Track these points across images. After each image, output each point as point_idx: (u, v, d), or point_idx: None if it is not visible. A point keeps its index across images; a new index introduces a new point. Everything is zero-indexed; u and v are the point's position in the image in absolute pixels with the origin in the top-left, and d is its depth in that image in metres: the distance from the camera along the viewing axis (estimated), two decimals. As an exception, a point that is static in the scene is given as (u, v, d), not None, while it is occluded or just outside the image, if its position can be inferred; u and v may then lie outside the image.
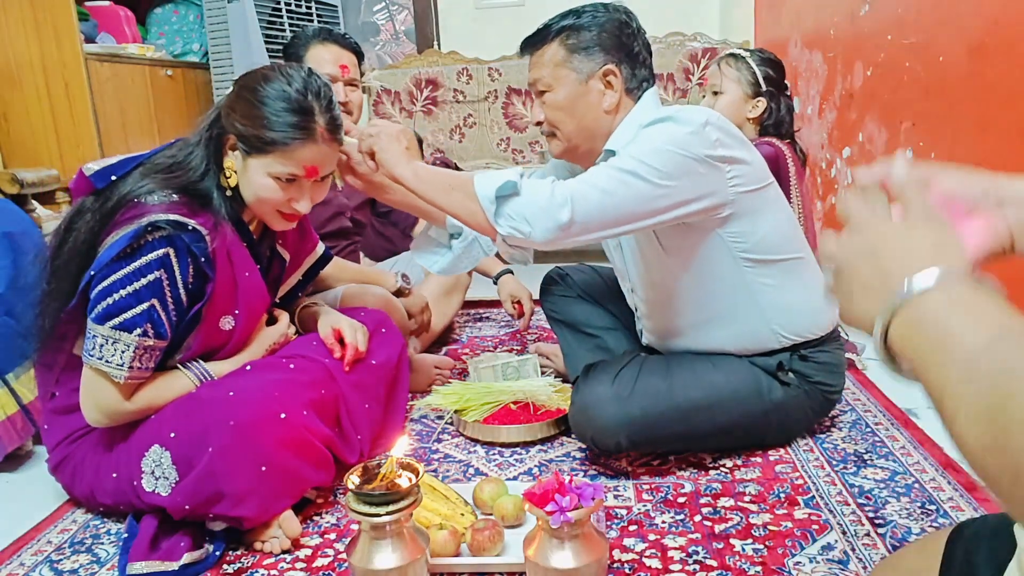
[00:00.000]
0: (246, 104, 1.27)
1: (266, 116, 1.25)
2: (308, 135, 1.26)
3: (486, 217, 1.26)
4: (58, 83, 2.65)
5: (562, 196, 1.24)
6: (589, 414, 1.42)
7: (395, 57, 4.08)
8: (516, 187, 1.25)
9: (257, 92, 1.26)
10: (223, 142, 1.30)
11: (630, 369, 1.46)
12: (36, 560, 1.29)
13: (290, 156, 1.26)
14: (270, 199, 1.30)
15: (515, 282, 2.23)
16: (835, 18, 2.50)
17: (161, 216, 1.22)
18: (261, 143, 1.26)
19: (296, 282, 1.61)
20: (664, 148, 1.27)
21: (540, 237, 1.24)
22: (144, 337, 1.23)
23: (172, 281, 1.24)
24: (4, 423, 1.59)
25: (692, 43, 3.48)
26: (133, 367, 1.23)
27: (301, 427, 1.29)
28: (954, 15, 1.70)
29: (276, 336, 1.46)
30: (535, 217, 1.24)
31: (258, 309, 1.42)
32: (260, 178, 1.28)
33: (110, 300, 1.21)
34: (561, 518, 0.97)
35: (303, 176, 1.29)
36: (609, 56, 1.41)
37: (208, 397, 1.26)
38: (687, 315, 1.52)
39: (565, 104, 1.42)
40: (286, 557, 1.25)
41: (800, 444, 1.56)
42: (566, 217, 1.23)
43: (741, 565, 1.16)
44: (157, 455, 1.25)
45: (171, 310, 1.25)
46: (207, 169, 1.30)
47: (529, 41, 1.46)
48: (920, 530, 1.23)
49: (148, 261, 1.21)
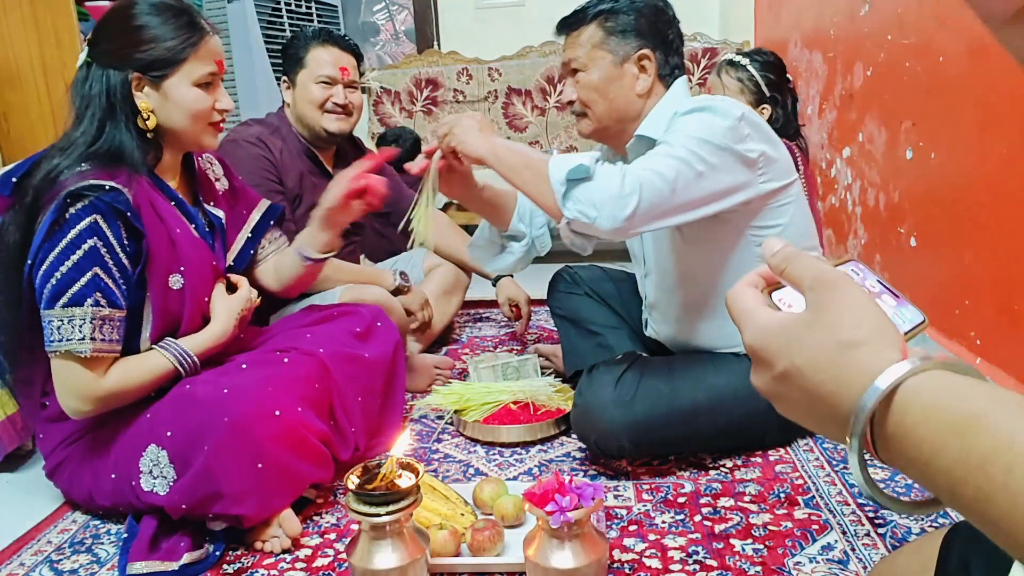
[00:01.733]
0: (135, 35, 1.28)
1: (158, 33, 1.28)
2: (203, 31, 1.32)
3: (555, 199, 1.27)
4: (58, 83, 2.65)
5: (631, 185, 1.24)
6: (592, 418, 1.42)
7: (395, 57, 4.08)
8: (588, 171, 1.26)
9: (133, 19, 1.28)
10: (126, 88, 1.28)
11: (632, 372, 1.46)
12: (36, 560, 1.29)
13: (201, 55, 1.30)
14: (202, 109, 1.32)
15: (514, 285, 2.23)
16: (835, 18, 2.50)
17: (77, 184, 1.22)
18: (171, 58, 1.28)
19: (245, 239, 1.57)
20: (706, 139, 1.29)
21: (606, 225, 1.24)
22: (98, 307, 1.22)
23: (108, 246, 1.23)
24: (4, 423, 1.59)
25: (692, 43, 3.48)
26: (95, 339, 1.22)
27: (296, 424, 1.29)
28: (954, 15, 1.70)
29: (242, 303, 1.43)
30: (603, 204, 1.24)
31: (204, 268, 1.39)
32: (186, 92, 1.30)
33: (53, 280, 1.20)
34: (561, 518, 0.97)
35: (217, 72, 1.34)
36: (644, 41, 1.43)
37: (203, 395, 1.26)
38: (695, 304, 1.53)
39: (599, 85, 1.44)
40: (286, 557, 1.25)
41: (800, 444, 1.56)
42: (632, 207, 1.23)
43: (741, 565, 1.16)
44: (154, 454, 1.25)
45: (116, 276, 1.24)
46: (103, 125, 1.29)
47: (566, 21, 1.48)
48: (920, 530, 1.23)
49: (79, 231, 1.21)
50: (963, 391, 0.39)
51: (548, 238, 1.61)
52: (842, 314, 0.43)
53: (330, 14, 3.74)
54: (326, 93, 1.97)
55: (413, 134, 3.44)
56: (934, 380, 0.40)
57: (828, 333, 0.43)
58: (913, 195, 1.92)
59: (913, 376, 0.40)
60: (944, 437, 0.38)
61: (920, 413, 0.39)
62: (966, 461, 0.37)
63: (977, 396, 0.38)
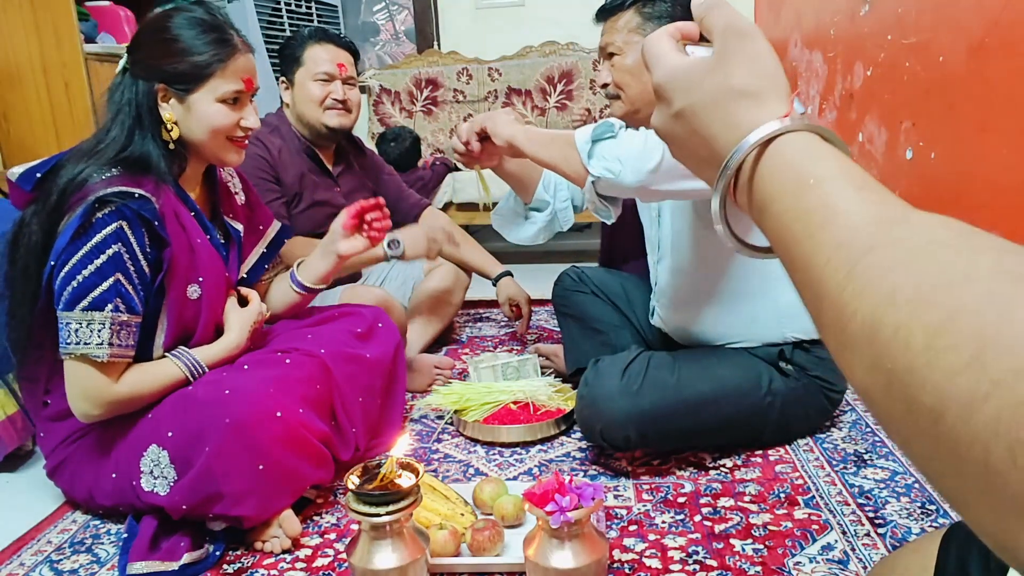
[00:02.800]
0: (165, 47, 1.28)
1: (189, 46, 1.27)
2: (234, 48, 1.31)
3: (581, 161, 1.31)
4: (58, 83, 2.65)
5: (655, 141, 1.28)
6: (598, 408, 1.43)
7: (395, 57, 4.08)
8: (613, 130, 1.31)
9: (168, 31, 1.28)
10: (152, 98, 1.30)
11: (638, 364, 1.47)
12: (36, 560, 1.29)
13: (227, 72, 1.30)
14: (223, 125, 1.31)
15: (514, 285, 2.23)
16: (835, 18, 2.50)
17: (106, 190, 1.22)
18: (197, 73, 1.28)
19: (260, 254, 1.59)
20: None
21: (630, 179, 1.28)
22: (117, 312, 1.23)
23: (131, 253, 1.24)
24: (4, 423, 1.59)
25: (692, 43, 3.48)
26: (113, 344, 1.23)
27: (298, 425, 1.29)
28: (954, 15, 1.70)
29: (254, 316, 1.45)
30: (628, 157, 1.28)
31: (218, 279, 1.40)
32: (208, 107, 1.30)
33: (74, 283, 1.21)
34: (561, 518, 0.97)
35: (244, 91, 1.33)
36: None
37: (204, 395, 1.26)
38: (702, 288, 1.55)
39: (634, 68, 1.48)
40: (286, 557, 1.25)
41: (800, 444, 1.56)
42: (656, 160, 1.26)
43: (741, 565, 1.16)
44: (155, 455, 1.25)
45: (136, 283, 1.25)
46: (132, 133, 1.29)
47: (605, 8, 1.54)
48: (920, 530, 1.23)
49: (104, 236, 1.21)
50: (815, 155, 0.41)
51: (571, 212, 1.66)
52: (742, 63, 0.45)
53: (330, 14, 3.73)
54: (325, 90, 1.98)
55: (413, 134, 3.44)
56: (798, 141, 0.42)
57: (724, 79, 0.45)
58: (913, 195, 1.92)
59: (784, 134, 0.43)
60: (781, 191, 0.41)
61: (773, 167, 0.42)
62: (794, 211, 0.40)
63: (823, 163, 0.40)
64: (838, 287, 0.35)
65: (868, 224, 0.36)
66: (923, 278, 0.31)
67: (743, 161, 0.44)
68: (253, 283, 1.57)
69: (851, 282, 0.34)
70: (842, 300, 0.34)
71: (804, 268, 0.39)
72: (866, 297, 0.33)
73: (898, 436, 0.32)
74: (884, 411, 0.32)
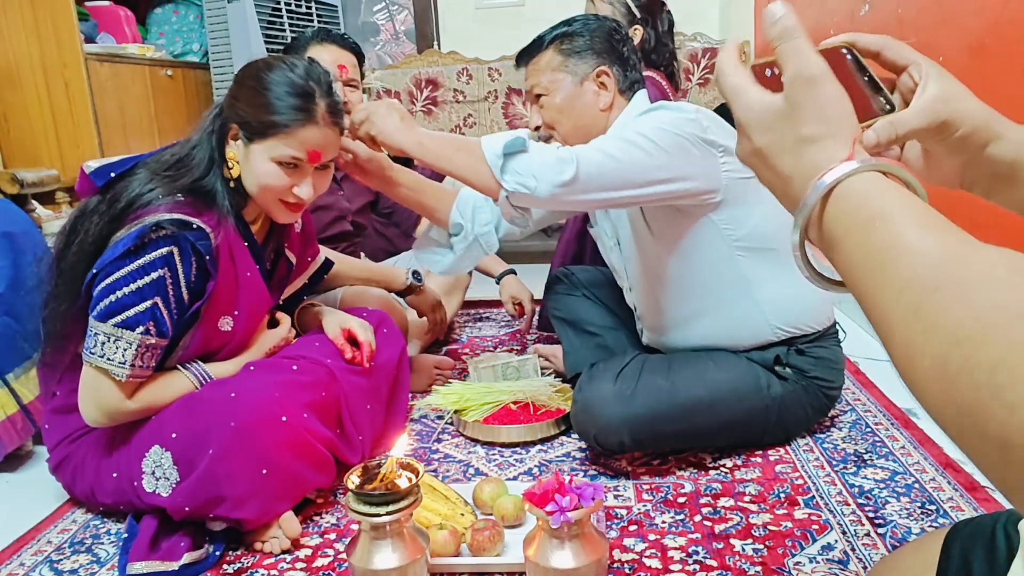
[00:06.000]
0: (250, 91, 1.28)
1: (269, 100, 1.26)
2: (309, 116, 1.27)
3: (492, 174, 1.28)
4: (58, 83, 2.65)
5: (568, 154, 1.28)
6: (592, 413, 1.43)
7: (395, 57, 4.08)
8: (524, 144, 1.29)
9: (261, 79, 1.27)
10: (224, 131, 1.31)
11: (632, 368, 1.47)
12: (36, 560, 1.29)
13: (292, 138, 1.27)
14: (273, 186, 1.29)
15: (517, 283, 2.23)
16: (835, 18, 2.50)
17: (166, 216, 1.22)
18: (263, 126, 1.26)
19: (301, 286, 1.61)
20: (660, 127, 1.33)
21: (545, 192, 1.26)
22: (147, 335, 1.23)
23: (175, 280, 1.24)
24: (4, 423, 1.59)
25: (692, 43, 3.48)
26: (135, 365, 1.23)
27: (302, 429, 1.29)
28: (954, 15, 1.70)
29: (276, 339, 1.47)
30: (541, 172, 1.26)
31: (258, 311, 1.42)
32: (263, 164, 1.28)
33: (113, 297, 1.21)
34: (561, 518, 0.97)
35: (306, 160, 1.29)
36: (601, 59, 1.49)
37: (209, 398, 1.26)
38: (681, 306, 1.53)
39: (562, 105, 1.49)
40: (286, 557, 1.25)
41: (800, 444, 1.56)
42: (570, 174, 1.25)
43: (741, 565, 1.16)
44: (158, 456, 1.25)
45: (173, 308, 1.25)
46: (211, 164, 1.30)
47: (525, 52, 1.54)
48: (920, 530, 1.23)
49: (152, 259, 1.21)
50: (878, 193, 0.46)
51: (494, 236, 1.58)
52: (810, 113, 0.50)
53: (330, 14, 3.73)
54: None
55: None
56: (865, 181, 0.47)
57: (792, 127, 0.50)
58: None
59: (853, 176, 0.47)
60: (848, 229, 0.46)
61: (839, 208, 0.47)
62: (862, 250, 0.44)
63: (887, 202, 0.45)
64: (906, 325, 0.39)
65: (933, 266, 0.39)
66: (982, 315, 0.35)
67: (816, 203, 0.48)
68: (288, 310, 1.58)
69: (919, 320, 0.38)
70: (910, 337, 0.39)
71: (873, 304, 0.43)
72: (933, 335, 0.37)
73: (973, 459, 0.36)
74: (957, 437, 0.36)
